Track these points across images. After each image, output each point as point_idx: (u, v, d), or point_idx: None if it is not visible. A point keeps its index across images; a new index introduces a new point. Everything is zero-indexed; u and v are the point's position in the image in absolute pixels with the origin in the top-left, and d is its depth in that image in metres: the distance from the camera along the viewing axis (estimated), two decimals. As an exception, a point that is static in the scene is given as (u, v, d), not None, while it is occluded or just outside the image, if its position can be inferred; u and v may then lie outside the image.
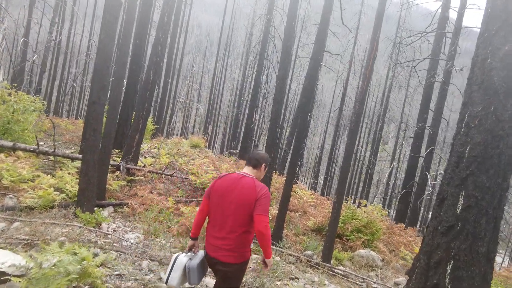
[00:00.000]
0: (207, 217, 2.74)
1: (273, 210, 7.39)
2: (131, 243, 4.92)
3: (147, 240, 5.30)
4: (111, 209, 6.43)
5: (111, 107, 6.52)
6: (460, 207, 3.16)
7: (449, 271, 3.15)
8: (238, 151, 12.97)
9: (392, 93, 23.57)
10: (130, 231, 5.69)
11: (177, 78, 23.89)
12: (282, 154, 16.98)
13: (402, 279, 5.31)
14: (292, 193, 7.40)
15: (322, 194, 18.67)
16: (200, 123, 37.31)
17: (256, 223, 2.44)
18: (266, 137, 6.84)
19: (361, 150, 25.27)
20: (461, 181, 3.18)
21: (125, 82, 9.82)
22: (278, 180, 10.80)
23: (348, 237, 7.03)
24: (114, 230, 5.41)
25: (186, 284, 2.85)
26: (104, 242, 4.71)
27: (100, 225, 5.25)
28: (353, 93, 25.52)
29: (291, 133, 20.37)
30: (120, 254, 4.42)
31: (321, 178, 26.92)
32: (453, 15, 14.79)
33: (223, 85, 28.35)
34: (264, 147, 7.18)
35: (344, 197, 6.35)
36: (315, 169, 29.43)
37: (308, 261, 5.58)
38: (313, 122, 26.44)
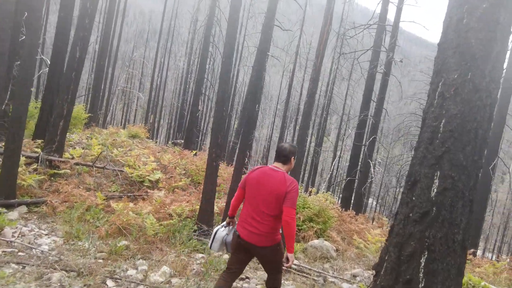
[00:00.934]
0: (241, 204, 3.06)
1: (221, 203, 6.67)
2: (43, 250, 3.88)
3: (66, 245, 4.28)
4: (24, 208, 5.25)
5: (20, 84, 5.27)
6: (435, 190, 2.68)
7: (423, 264, 2.68)
8: (183, 141, 12.01)
9: (335, 86, 23.92)
10: (46, 234, 4.62)
11: (113, 63, 21.82)
12: (231, 145, 16.27)
13: (359, 270, 4.94)
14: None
15: None
16: (143, 113, 35.20)
17: (285, 214, 2.68)
18: (212, 122, 6.06)
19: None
20: (436, 160, 2.70)
21: (48, 62, 8.37)
22: (227, 171, 10.07)
23: (300, 227, 6.53)
24: (22, 235, 4.29)
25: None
26: (3, 252, 3.63)
27: (2, 230, 4.12)
28: (299, 85, 25.57)
29: (240, 124, 19.74)
30: (24, 267, 3.40)
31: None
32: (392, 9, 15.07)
33: (166, 73, 26.69)
34: (210, 133, 6.39)
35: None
36: (264, 161, 29.19)
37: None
38: (261, 114, 26.08)
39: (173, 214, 5.82)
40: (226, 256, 4.87)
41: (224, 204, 6.28)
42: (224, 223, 3.24)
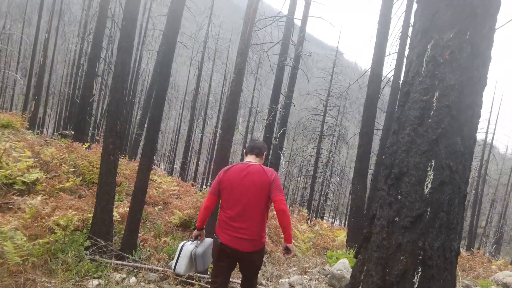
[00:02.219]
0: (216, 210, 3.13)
1: (123, 207, 5.26)
2: None
3: None
4: None
5: None
6: (430, 186, 1.98)
7: (416, 285, 1.97)
8: (72, 132, 9.77)
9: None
10: None
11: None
12: (133, 137, 14.28)
13: (297, 278, 4.23)
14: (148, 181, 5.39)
15: (183, 180, 16.87)
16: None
17: (276, 203, 2.51)
18: (108, 104, 4.59)
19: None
20: (429, 146, 2.00)
21: None
22: (129, 167, 8.44)
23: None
24: None
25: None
26: None
27: None
28: (208, 75, 24.41)
29: (144, 114, 17.67)
30: None
31: (178, 164, 25.00)
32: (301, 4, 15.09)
33: (53, 55, 22.47)
34: (106, 118, 4.89)
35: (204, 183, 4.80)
36: (172, 154, 27.27)
37: (178, 275, 3.83)
38: (167, 104, 24.04)
39: (55, 228, 4.23)
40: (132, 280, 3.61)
41: (127, 209, 4.90)
42: (191, 237, 2.91)
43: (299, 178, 34.93)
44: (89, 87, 9.39)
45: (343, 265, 3.93)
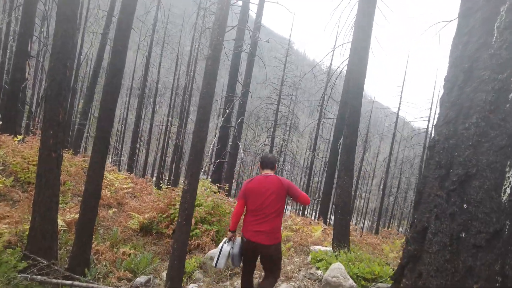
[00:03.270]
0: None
1: (70, 213, 4.29)
2: None
3: None
4: None
5: None
6: (509, 191, 1.50)
7: (492, 321, 1.50)
8: (0, 122, 8.08)
9: (198, 65, 22.29)
10: None
11: None
12: (76, 127, 12.67)
13: (286, 287, 3.69)
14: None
15: (131, 173, 15.43)
16: None
17: (303, 199, 3.24)
18: (46, 87, 3.55)
19: (170, 120, 23.06)
20: (509, 140, 1.51)
21: None
22: (74, 162, 7.20)
23: (191, 232, 4.82)
24: None
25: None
26: None
27: None
28: (157, 62, 22.74)
29: (87, 102, 15.93)
30: None
31: (125, 155, 23.22)
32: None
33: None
34: (44, 104, 3.81)
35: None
36: (118, 146, 25.27)
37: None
38: (112, 92, 21.95)
39: (-24, 248, 3.21)
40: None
41: (76, 215, 3.97)
42: (226, 239, 3.33)
43: (252, 167, 34.72)
44: (20, 69, 7.79)
45: (339, 272, 3.47)
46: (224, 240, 3.31)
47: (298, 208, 29.28)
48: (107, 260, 3.94)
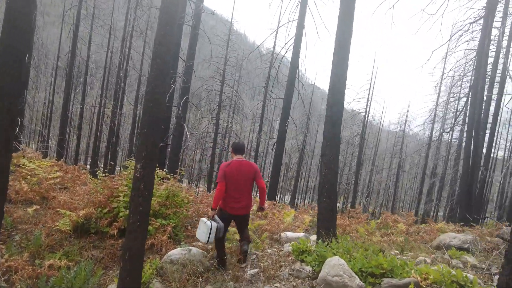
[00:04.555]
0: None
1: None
2: None
3: None
4: None
5: None
6: None
7: None
8: None
9: (134, 41, 20.06)
10: None
11: None
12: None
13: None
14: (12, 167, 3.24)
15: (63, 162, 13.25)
16: None
17: (260, 184, 3.85)
18: None
19: (104, 102, 20.56)
20: None
21: None
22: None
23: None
24: None
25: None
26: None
27: None
28: (86, 37, 19.89)
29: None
30: None
31: (53, 142, 20.35)
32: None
33: None
34: None
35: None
36: (45, 131, 22.03)
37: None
38: (34, 70, 18.77)
39: None
40: None
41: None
42: (206, 218, 3.74)
43: (196, 151, 33.33)
44: None
45: (341, 269, 2.80)
46: (206, 219, 3.63)
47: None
48: (26, 278, 2.81)
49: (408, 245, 4.56)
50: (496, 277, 3.20)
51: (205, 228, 3.55)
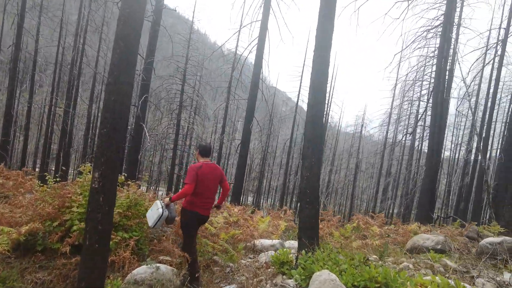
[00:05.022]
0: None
1: None
2: None
3: None
4: None
5: None
6: None
7: None
8: None
9: (89, 36, 18.65)
10: None
11: None
12: None
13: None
14: None
15: (6, 166, 11.80)
16: None
17: (226, 186, 4.06)
18: None
19: (55, 101, 18.87)
20: None
21: None
22: None
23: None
24: None
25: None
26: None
27: None
28: (34, 30, 18.13)
29: None
30: None
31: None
32: None
33: None
34: None
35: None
36: None
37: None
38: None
39: None
40: None
41: None
42: (162, 203, 3.69)
43: (154, 152, 31.98)
44: None
45: (334, 285, 2.47)
46: (160, 205, 3.61)
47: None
48: None
49: (387, 250, 4.45)
50: (479, 279, 3.16)
51: (156, 214, 3.59)
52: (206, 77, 28.06)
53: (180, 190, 3.99)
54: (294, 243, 4.74)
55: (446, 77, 10.51)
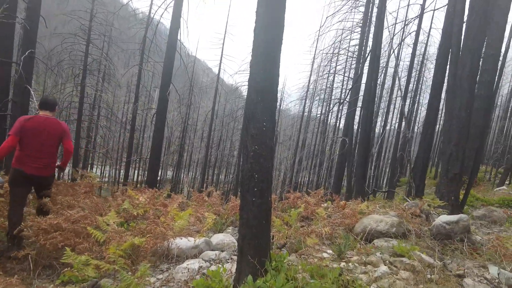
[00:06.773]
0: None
1: None
2: None
3: None
4: None
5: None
6: None
7: None
8: None
9: None
10: None
11: None
12: None
13: None
14: None
15: None
16: None
17: (67, 145, 3.67)
18: None
19: None
20: None
21: None
22: None
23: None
24: None
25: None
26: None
27: None
28: None
29: None
30: None
31: None
32: None
33: None
34: None
35: None
36: None
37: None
38: None
39: None
40: None
41: None
42: None
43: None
44: None
45: None
46: None
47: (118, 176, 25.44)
48: None
49: (348, 242, 3.46)
50: (468, 279, 2.55)
51: None
52: (116, 39, 24.26)
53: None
54: (224, 238, 3.65)
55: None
